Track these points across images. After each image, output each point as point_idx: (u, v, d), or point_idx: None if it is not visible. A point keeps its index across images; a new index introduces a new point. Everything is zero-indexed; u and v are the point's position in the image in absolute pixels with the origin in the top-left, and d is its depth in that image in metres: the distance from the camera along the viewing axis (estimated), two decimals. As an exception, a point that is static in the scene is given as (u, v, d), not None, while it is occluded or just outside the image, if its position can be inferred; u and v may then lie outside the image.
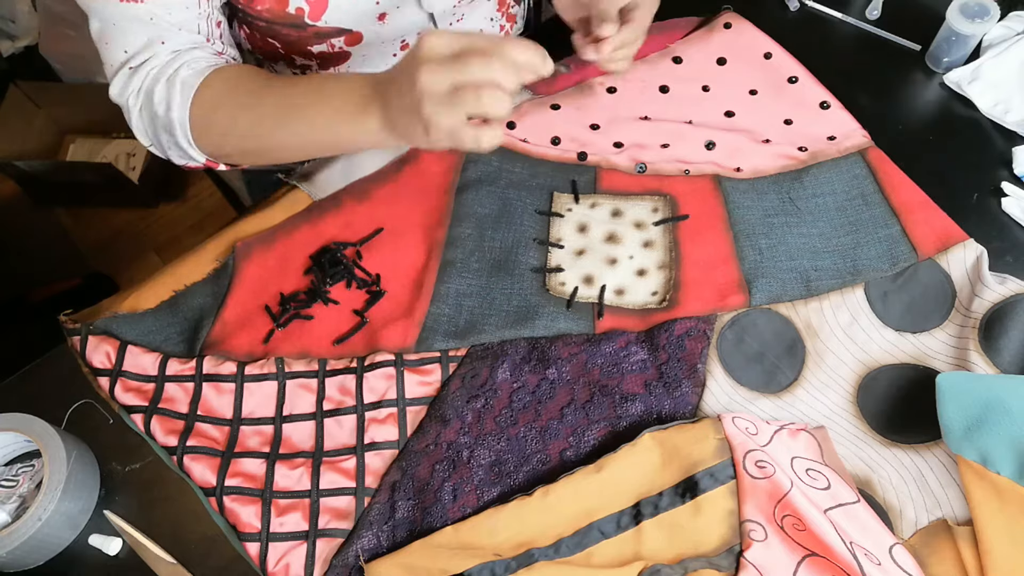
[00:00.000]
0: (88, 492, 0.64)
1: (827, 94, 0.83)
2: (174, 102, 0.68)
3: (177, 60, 0.69)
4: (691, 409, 0.66)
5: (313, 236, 0.76)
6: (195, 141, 0.70)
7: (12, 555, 0.60)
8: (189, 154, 0.71)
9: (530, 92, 0.86)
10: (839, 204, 0.76)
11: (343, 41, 0.77)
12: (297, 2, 0.71)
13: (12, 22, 1.91)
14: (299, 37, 0.76)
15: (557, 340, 0.70)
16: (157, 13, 0.67)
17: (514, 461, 0.65)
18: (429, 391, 0.68)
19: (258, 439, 0.67)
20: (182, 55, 0.69)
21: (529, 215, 0.77)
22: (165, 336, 0.72)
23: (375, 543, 0.62)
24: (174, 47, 0.69)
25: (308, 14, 0.72)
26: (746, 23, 0.88)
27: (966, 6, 0.81)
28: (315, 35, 0.75)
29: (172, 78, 0.68)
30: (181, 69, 0.68)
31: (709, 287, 0.72)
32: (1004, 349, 0.66)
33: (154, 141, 0.73)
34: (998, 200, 0.76)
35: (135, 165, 1.82)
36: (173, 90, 0.68)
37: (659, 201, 0.77)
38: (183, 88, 0.68)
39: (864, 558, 0.57)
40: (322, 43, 0.77)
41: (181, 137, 0.69)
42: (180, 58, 0.69)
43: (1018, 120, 0.80)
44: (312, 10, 0.72)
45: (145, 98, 0.70)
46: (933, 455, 0.64)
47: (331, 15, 0.72)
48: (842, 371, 0.68)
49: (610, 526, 0.61)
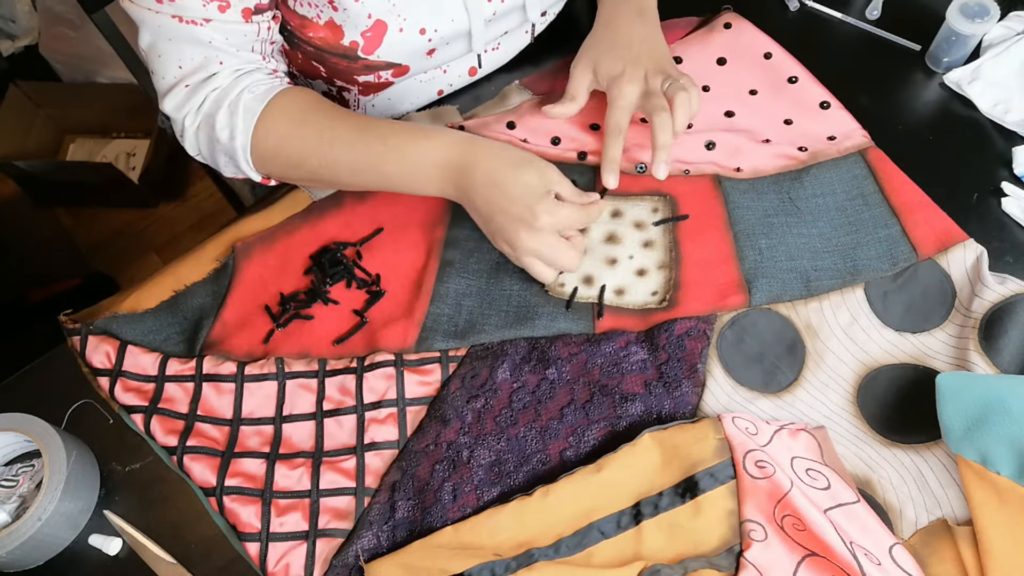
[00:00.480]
0: (88, 492, 0.64)
1: (827, 94, 0.83)
2: (237, 130, 0.69)
3: (238, 84, 0.70)
4: (691, 409, 0.66)
5: (313, 236, 0.76)
6: (256, 166, 0.72)
7: (12, 555, 0.60)
8: (247, 175, 0.74)
9: (530, 92, 0.86)
10: (839, 204, 0.76)
11: (390, 74, 0.78)
12: (352, 35, 0.71)
13: (12, 22, 1.91)
14: (348, 67, 0.77)
15: (557, 340, 0.70)
16: (216, 37, 0.67)
17: (514, 461, 0.65)
18: (429, 391, 0.68)
19: (258, 439, 0.67)
20: (243, 78, 0.70)
21: (529, 215, 0.77)
22: (165, 336, 0.72)
23: (375, 543, 0.62)
24: (233, 67, 0.69)
25: (362, 48, 0.72)
26: (746, 23, 0.88)
27: (966, 6, 0.81)
28: (364, 67, 0.76)
29: (235, 104, 0.69)
30: (243, 94, 0.69)
31: (709, 287, 0.72)
32: (1004, 349, 0.66)
33: (207, 158, 0.74)
34: (998, 200, 0.76)
35: (135, 165, 1.82)
36: (236, 117, 0.69)
37: (659, 201, 0.77)
38: (246, 115, 0.69)
39: (864, 558, 0.57)
40: (369, 74, 0.78)
41: (243, 162, 0.71)
42: (241, 81, 0.70)
43: (1018, 120, 0.80)
44: (367, 45, 0.72)
45: (205, 120, 0.70)
46: (933, 455, 0.64)
47: (384, 51, 0.73)
48: (842, 371, 0.68)
49: (610, 526, 0.61)
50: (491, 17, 0.77)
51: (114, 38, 1.05)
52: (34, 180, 1.75)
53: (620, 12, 0.78)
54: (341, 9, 0.69)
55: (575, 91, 0.77)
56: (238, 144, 0.70)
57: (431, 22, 0.74)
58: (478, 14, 0.76)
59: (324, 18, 0.71)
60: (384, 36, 0.72)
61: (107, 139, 1.87)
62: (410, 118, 0.84)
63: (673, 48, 0.87)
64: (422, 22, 0.73)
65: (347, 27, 0.71)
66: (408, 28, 0.73)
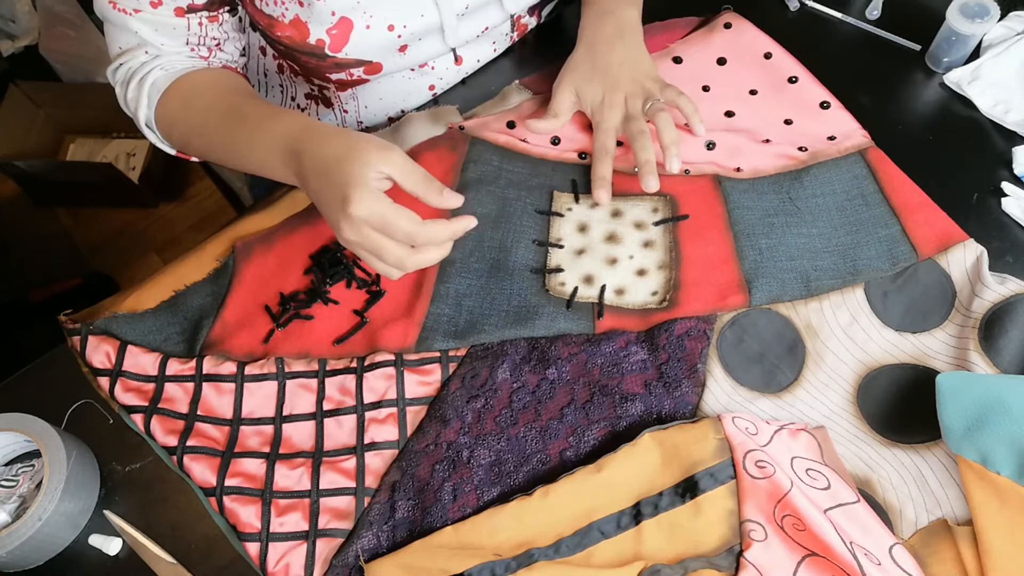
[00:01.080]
0: (88, 492, 0.64)
1: (827, 94, 0.83)
2: (141, 104, 0.75)
3: (153, 62, 0.74)
4: (691, 409, 0.66)
5: (313, 236, 0.76)
6: (164, 139, 0.78)
7: (12, 555, 0.60)
8: (157, 145, 0.80)
9: (530, 92, 0.86)
10: (839, 204, 0.76)
11: (362, 71, 0.78)
12: (318, 33, 0.71)
13: (12, 22, 1.91)
14: (318, 65, 0.77)
15: (557, 340, 0.70)
16: (143, 28, 0.72)
17: (514, 461, 0.65)
18: (429, 391, 0.68)
19: (258, 439, 0.67)
20: (159, 58, 0.74)
21: (529, 215, 0.77)
22: (165, 336, 0.72)
23: (375, 543, 0.62)
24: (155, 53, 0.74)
25: (328, 46, 0.73)
26: (746, 23, 0.88)
27: (966, 6, 0.81)
28: (334, 65, 0.76)
29: (143, 80, 0.74)
30: (155, 71, 0.74)
31: (709, 287, 0.72)
32: (1004, 349, 0.66)
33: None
34: (998, 200, 0.76)
35: (135, 165, 1.82)
36: (142, 92, 0.74)
37: (659, 201, 0.77)
38: (151, 91, 0.74)
39: (864, 558, 0.57)
40: (341, 72, 0.78)
41: (149, 134, 0.78)
42: (156, 60, 0.75)
43: (1018, 120, 0.80)
44: (333, 43, 0.72)
45: (122, 91, 0.77)
46: (933, 455, 0.64)
47: (351, 48, 0.74)
48: (842, 371, 0.68)
49: (610, 526, 0.61)
50: (463, 11, 0.77)
51: (114, 38, 1.05)
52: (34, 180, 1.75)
53: (599, 35, 0.78)
54: (306, 5, 0.70)
55: (558, 109, 0.79)
56: (141, 116, 0.75)
57: (399, 18, 0.74)
58: (449, 8, 0.76)
59: (289, 16, 0.72)
60: (350, 33, 0.72)
61: (107, 139, 1.86)
62: (410, 119, 0.84)
63: (673, 48, 0.87)
64: (389, 18, 0.73)
65: (312, 24, 0.71)
66: (375, 25, 0.73)
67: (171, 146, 0.79)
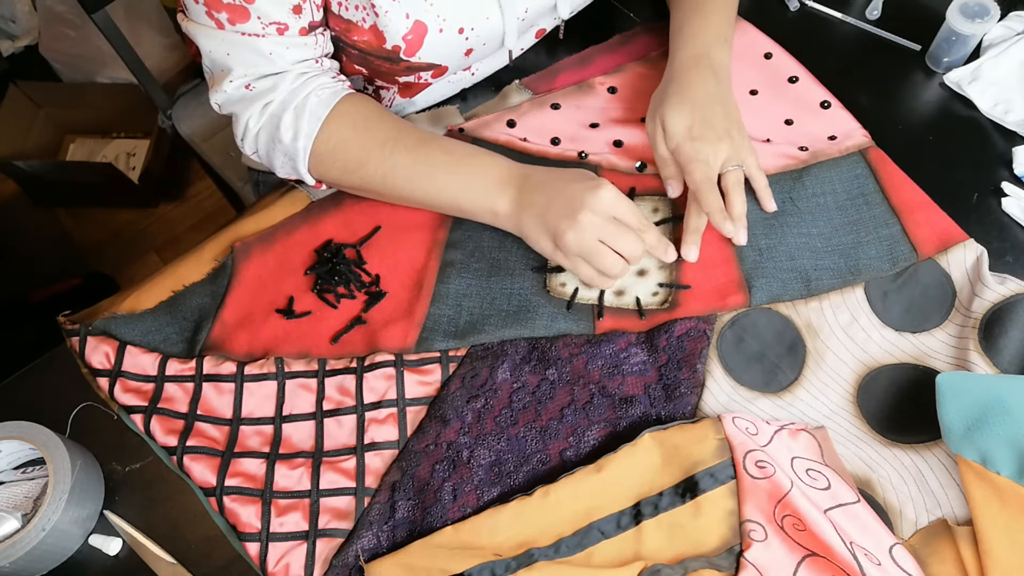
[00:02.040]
0: (92, 500, 0.64)
1: (827, 94, 0.83)
2: (301, 132, 0.71)
3: (306, 87, 0.71)
4: (691, 409, 0.66)
5: (312, 236, 0.76)
6: (311, 169, 0.74)
7: (16, 565, 0.59)
8: (303, 177, 0.75)
9: (530, 92, 0.86)
10: (839, 204, 0.76)
11: (430, 74, 0.79)
12: (394, 39, 0.72)
13: (12, 22, 1.91)
14: (390, 69, 0.77)
15: (557, 340, 0.70)
16: (276, 49, 0.69)
17: (514, 461, 0.65)
18: (429, 391, 0.68)
19: (258, 439, 0.67)
20: (309, 82, 0.72)
21: (529, 215, 0.77)
22: (164, 336, 0.72)
23: (375, 543, 0.62)
24: (299, 71, 0.71)
25: (404, 51, 0.73)
26: (746, 23, 0.88)
27: (966, 6, 0.81)
28: (406, 68, 0.76)
29: (301, 106, 0.71)
30: (310, 97, 0.71)
31: (709, 287, 0.72)
32: (1004, 349, 0.66)
33: (263, 157, 0.76)
34: (998, 200, 0.76)
35: (135, 165, 1.82)
36: (301, 120, 0.71)
37: (659, 201, 0.77)
38: (311, 118, 0.71)
39: (864, 558, 0.57)
40: (410, 75, 0.78)
41: (301, 164, 0.73)
42: (308, 85, 0.72)
43: (1018, 120, 0.80)
44: (408, 48, 0.73)
45: (269, 120, 0.72)
46: (933, 455, 0.64)
47: (425, 52, 0.74)
48: (842, 371, 0.68)
49: (610, 526, 0.61)
50: (524, 15, 0.78)
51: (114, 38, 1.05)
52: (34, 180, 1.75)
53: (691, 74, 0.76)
54: (382, 12, 0.70)
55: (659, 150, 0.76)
56: (300, 146, 0.72)
57: (468, 21, 0.74)
58: (511, 11, 0.76)
59: (368, 23, 0.72)
60: (425, 37, 0.73)
61: (107, 139, 1.86)
62: (410, 119, 0.84)
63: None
64: (460, 21, 0.74)
65: (389, 31, 0.71)
66: (447, 28, 0.73)
67: (320, 176, 0.75)
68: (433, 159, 0.72)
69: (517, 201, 0.70)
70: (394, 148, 0.72)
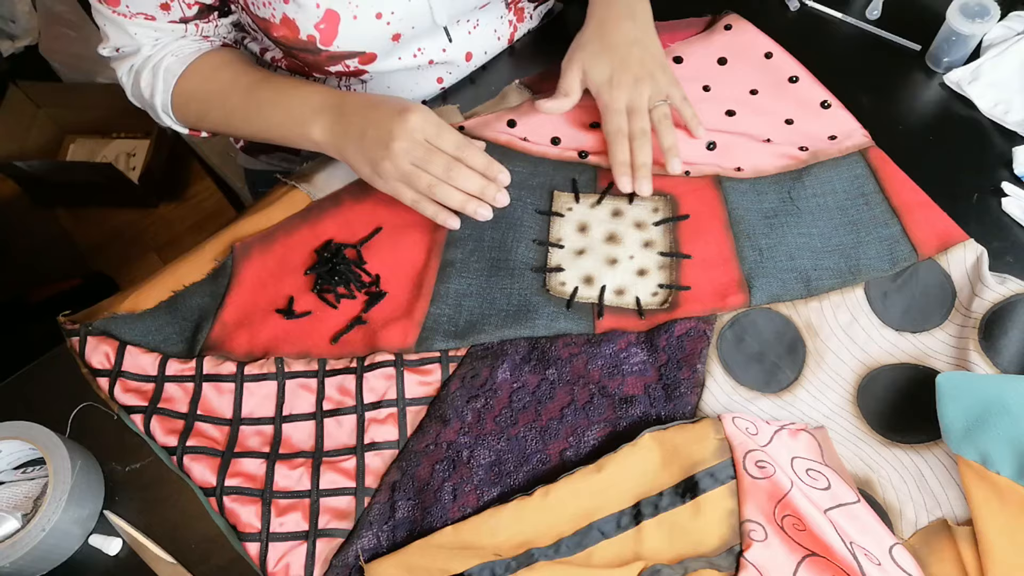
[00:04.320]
0: (92, 500, 0.64)
1: (827, 94, 0.83)
2: (157, 89, 0.79)
3: (164, 49, 0.79)
4: (691, 409, 0.66)
5: (312, 236, 0.76)
6: (177, 120, 0.82)
7: (16, 566, 0.59)
8: (170, 125, 0.84)
9: (530, 92, 0.86)
10: (840, 204, 0.76)
11: (357, 61, 0.79)
12: (307, 29, 0.73)
13: (12, 22, 1.91)
14: (315, 60, 0.78)
15: (557, 340, 0.70)
16: (140, 31, 0.77)
17: (514, 461, 0.65)
18: (429, 391, 0.68)
19: (258, 439, 0.67)
20: (169, 44, 0.79)
21: (529, 215, 0.77)
22: (164, 336, 0.72)
23: (375, 543, 0.62)
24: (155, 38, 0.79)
25: (319, 40, 0.73)
26: (747, 23, 0.88)
27: (966, 6, 0.81)
28: (329, 58, 0.77)
29: (157, 66, 0.79)
30: (166, 58, 0.79)
31: (709, 287, 0.72)
32: (1004, 349, 0.66)
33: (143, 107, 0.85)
34: (998, 200, 0.76)
35: (135, 165, 1.82)
36: (157, 79, 0.79)
37: (659, 201, 0.77)
38: (166, 76, 0.79)
39: (864, 558, 0.57)
40: (337, 64, 0.78)
41: (164, 117, 0.82)
42: (166, 47, 0.79)
43: (1018, 120, 0.80)
44: (323, 37, 0.73)
45: (134, 79, 0.81)
46: (933, 455, 0.64)
47: (342, 40, 0.74)
48: (842, 371, 0.68)
49: (610, 526, 0.61)
50: None
51: (114, 38, 1.05)
52: (34, 180, 1.75)
53: (610, 13, 0.78)
54: (291, 2, 0.70)
55: (568, 88, 0.78)
56: (157, 101, 0.80)
57: (387, 5, 0.74)
58: None
59: (279, 15, 0.72)
60: (338, 26, 0.73)
61: (107, 139, 1.86)
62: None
63: (674, 48, 0.87)
64: (377, 7, 0.73)
65: (300, 21, 0.72)
66: (362, 15, 0.73)
67: (185, 125, 0.83)
68: (261, 96, 0.76)
69: (332, 130, 0.72)
70: (231, 92, 0.78)
